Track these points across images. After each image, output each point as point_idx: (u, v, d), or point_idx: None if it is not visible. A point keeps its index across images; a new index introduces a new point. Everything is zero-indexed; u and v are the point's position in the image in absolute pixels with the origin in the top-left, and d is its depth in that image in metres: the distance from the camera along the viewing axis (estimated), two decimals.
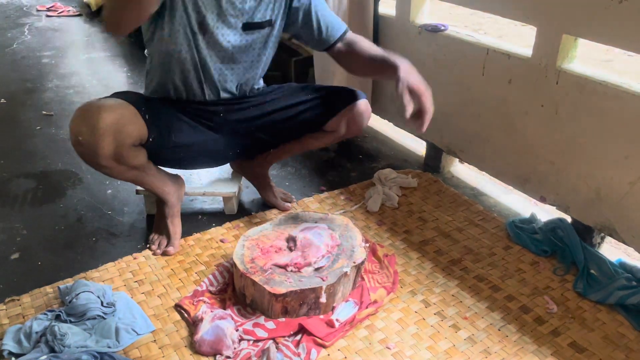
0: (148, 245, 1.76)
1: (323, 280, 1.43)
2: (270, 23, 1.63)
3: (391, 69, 1.50)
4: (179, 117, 1.65)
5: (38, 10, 5.05)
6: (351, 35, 1.73)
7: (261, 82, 1.81)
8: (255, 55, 1.67)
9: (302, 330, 1.41)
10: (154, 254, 1.73)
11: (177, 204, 1.78)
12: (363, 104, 1.77)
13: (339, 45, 1.72)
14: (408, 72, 1.48)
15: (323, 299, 1.43)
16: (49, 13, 4.97)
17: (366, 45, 1.70)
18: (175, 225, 1.78)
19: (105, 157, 1.47)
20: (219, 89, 1.67)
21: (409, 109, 1.42)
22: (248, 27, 1.59)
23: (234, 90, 1.70)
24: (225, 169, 2.05)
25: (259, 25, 1.61)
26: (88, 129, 1.42)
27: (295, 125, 1.78)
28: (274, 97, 1.77)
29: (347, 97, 1.76)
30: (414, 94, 1.45)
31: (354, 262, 1.50)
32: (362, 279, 1.57)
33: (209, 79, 1.63)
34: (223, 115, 1.71)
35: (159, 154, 1.64)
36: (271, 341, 1.37)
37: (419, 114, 1.47)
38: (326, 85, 1.88)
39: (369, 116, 1.81)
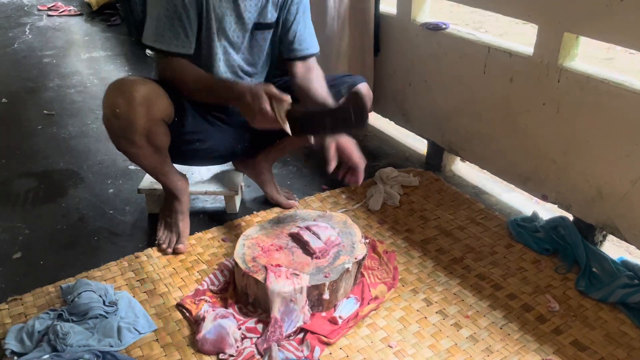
0: (157, 243, 1.76)
1: (326, 277, 1.43)
2: (277, 23, 1.69)
3: None
4: (194, 109, 1.69)
5: (39, 10, 5.05)
6: (313, 63, 1.75)
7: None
8: (264, 54, 1.72)
9: (305, 329, 1.41)
10: (165, 253, 1.73)
11: (187, 201, 1.79)
12: (364, 87, 1.80)
13: (299, 63, 1.73)
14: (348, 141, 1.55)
15: (326, 296, 1.43)
16: (50, 12, 4.97)
17: (320, 82, 1.68)
18: (185, 224, 1.78)
19: (139, 131, 1.50)
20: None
21: (333, 163, 1.49)
22: (258, 27, 1.65)
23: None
24: (227, 168, 2.05)
25: (267, 26, 1.66)
26: (125, 100, 1.46)
27: None
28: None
29: (349, 82, 1.80)
30: (342, 150, 1.52)
31: (355, 258, 1.50)
32: (362, 275, 1.58)
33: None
34: (233, 108, 1.73)
35: (177, 141, 1.66)
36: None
37: (350, 170, 1.56)
38: (328, 75, 1.90)
39: (370, 100, 1.84)
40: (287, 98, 1.38)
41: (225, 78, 1.64)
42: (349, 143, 1.55)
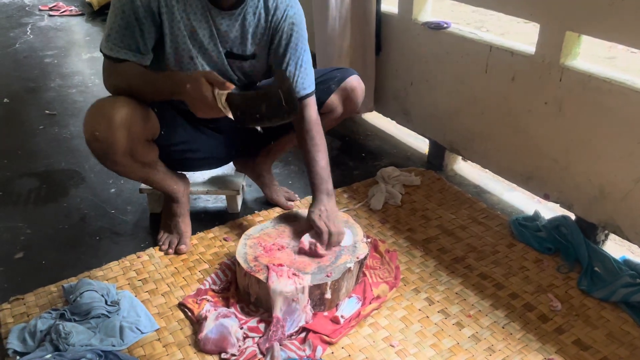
0: (159, 244, 1.76)
1: (328, 277, 1.43)
2: (253, 56, 1.61)
3: (313, 195, 1.65)
4: (184, 120, 1.68)
5: (40, 10, 5.06)
6: (308, 103, 1.63)
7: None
8: (238, 81, 1.66)
9: (307, 328, 1.41)
10: (166, 253, 1.73)
11: (187, 202, 1.79)
12: (355, 79, 1.78)
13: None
14: (320, 212, 1.58)
15: (328, 295, 1.43)
16: (51, 13, 4.97)
17: (313, 142, 1.64)
18: (187, 224, 1.78)
19: (121, 152, 1.47)
20: None
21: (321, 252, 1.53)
22: (230, 55, 1.58)
23: None
24: (229, 168, 2.05)
25: (240, 57, 1.59)
26: (104, 122, 1.42)
27: None
28: None
29: (339, 76, 1.78)
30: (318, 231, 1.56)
31: (357, 258, 1.50)
32: (364, 274, 1.58)
33: None
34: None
35: (167, 153, 1.65)
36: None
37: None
38: (317, 69, 1.89)
39: (362, 91, 1.82)
40: (229, 85, 1.32)
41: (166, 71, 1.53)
42: (322, 226, 1.54)
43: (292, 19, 1.58)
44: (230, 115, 1.34)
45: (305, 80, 1.63)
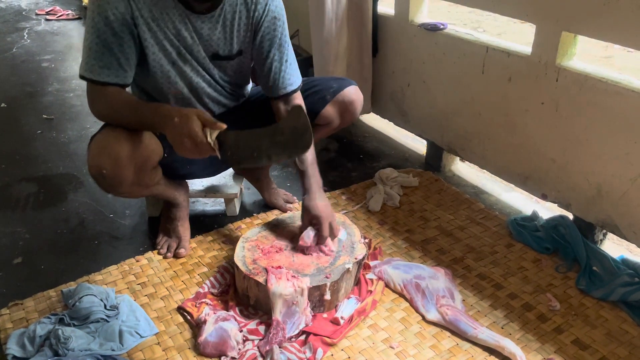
0: (158, 248, 1.76)
1: (327, 278, 1.43)
2: (240, 53, 1.59)
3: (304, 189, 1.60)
4: None
5: (37, 14, 5.06)
6: (295, 99, 1.62)
7: (248, 88, 1.80)
8: (228, 83, 1.65)
9: (307, 331, 1.41)
10: (165, 257, 1.73)
11: (186, 206, 1.79)
12: (353, 91, 1.73)
13: (280, 102, 1.62)
14: (316, 202, 1.56)
15: (327, 296, 1.43)
16: (48, 17, 4.97)
17: None
18: (186, 228, 1.78)
19: (129, 185, 1.46)
20: (211, 107, 1.67)
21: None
22: (216, 57, 1.55)
23: (227, 103, 1.71)
24: (227, 171, 2.05)
25: (227, 57, 1.57)
26: (111, 161, 1.39)
27: None
28: (263, 99, 1.73)
29: (335, 87, 1.72)
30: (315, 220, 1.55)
31: (355, 258, 1.50)
32: (362, 275, 1.58)
33: (201, 102, 1.64)
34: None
35: (170, 169, 1.65)
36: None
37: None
38: (314, 77, 1.83)
39: (360, 103, 1.77)
40: (221, 125, 1.27)
41: (152, 102, 1.48)
42: (324, 213, 1.53)
43: (274, 13, 1.54)
44: (219, 154, 1.29)
45: (292, 76, 1.61)
